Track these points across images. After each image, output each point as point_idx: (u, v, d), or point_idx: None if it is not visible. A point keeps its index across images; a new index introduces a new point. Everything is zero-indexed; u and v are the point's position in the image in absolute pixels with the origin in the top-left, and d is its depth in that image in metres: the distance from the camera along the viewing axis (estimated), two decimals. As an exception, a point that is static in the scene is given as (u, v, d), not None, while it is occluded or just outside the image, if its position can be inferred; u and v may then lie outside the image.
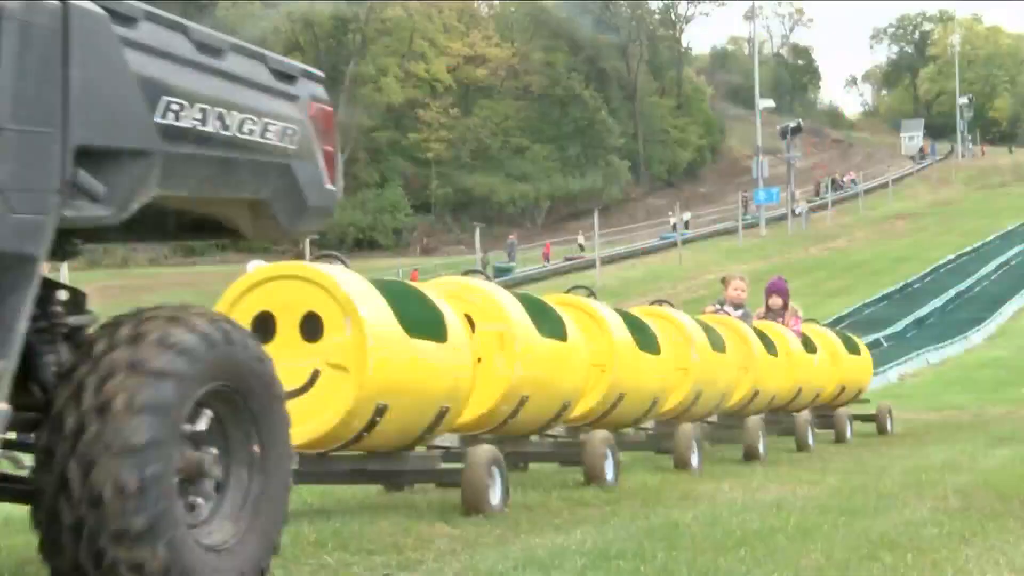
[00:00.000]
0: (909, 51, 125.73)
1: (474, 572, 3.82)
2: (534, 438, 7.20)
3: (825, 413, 12.17)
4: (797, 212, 65.67)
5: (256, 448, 3.42)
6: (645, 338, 7.90)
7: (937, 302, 37.26)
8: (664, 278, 50.53)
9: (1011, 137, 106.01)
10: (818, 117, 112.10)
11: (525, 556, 4.19)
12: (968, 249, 49.13)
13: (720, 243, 61.48)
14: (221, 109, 3.31)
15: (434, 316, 5.55)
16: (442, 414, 5.44)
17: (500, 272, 51.12)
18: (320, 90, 3.94)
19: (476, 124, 78.23)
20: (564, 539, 4.70)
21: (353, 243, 68.04)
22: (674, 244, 56.53)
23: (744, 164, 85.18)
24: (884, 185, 78.23)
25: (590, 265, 51.73)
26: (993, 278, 42.68)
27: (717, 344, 9.04)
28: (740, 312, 10.91)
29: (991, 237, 52.77)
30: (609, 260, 54.51)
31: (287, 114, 3.66)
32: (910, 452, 9.85)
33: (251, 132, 3.44)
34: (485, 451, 5.45)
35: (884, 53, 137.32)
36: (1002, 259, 45.72)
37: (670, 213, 64.65)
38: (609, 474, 6.72)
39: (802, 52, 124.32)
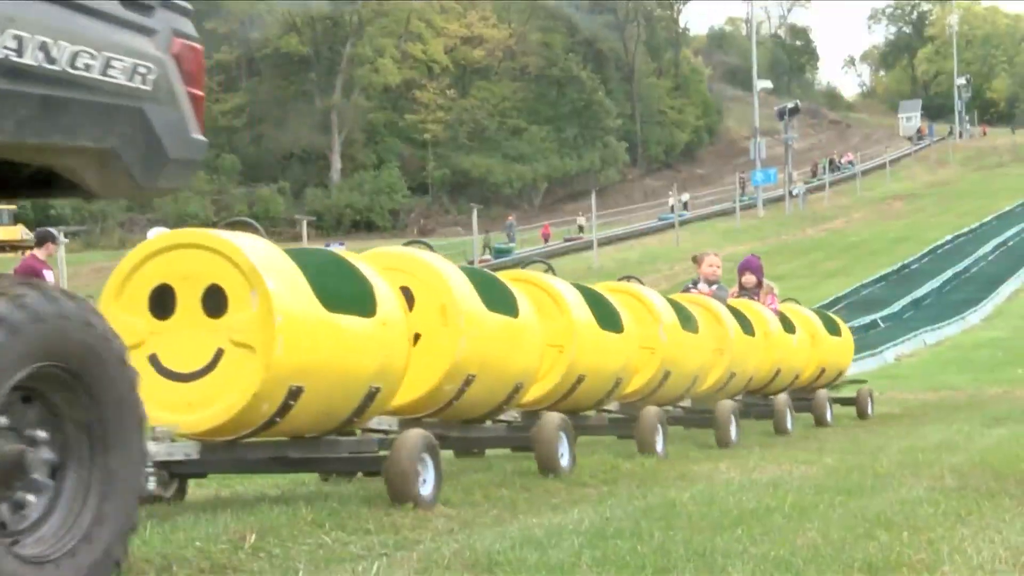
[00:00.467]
0: (907, 31, 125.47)
1: (471, 552, 3.84)
2: (489, 423, 6.69)
3: (804, 396, 11.57)
4: (795, 193, 65.65)
5: (97, 442, 2.93)
6: (607, 315, 7.37)
7: (934, 283, 37.29)
8: (661, 259, 50.51)
9: (1009, 117, 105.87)
10: (816, 98, 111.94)
11: (522, 536, 4.21)
12: (966, 230, 49.14)
13: (717, 224, 61.47)
14: (46, 38, 2.74)
15: (361, 289, 5.08)
16: (372, 395, 4.99)
17: (500, 253, 51.24)
18: (187, 24, 3.31)
19: (473, 105, 78.09)
20: (561, 519, 4.72)
21: (350, 225, 68.05)
22: (671, 225, 56.50)
23: (742, 145, 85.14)
24: (882, 166, 78.20)
25: (589, 246, 51.72)
26: (990, 259, 42.71)
27: (688, 323, 8.58)
28: (714, 287, 10.46)
29: (989, 218, 52.78)
30: (607, 241, 54.49)
31: (139, 49, 3.06)
32: (906, 432, 9.87)
33: (87, 68, 2.86)
34: (414, 436, 4.89)
35: (882, 33, 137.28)
36: (999, 240, 45.74)
37: (669, 194, 64.60)
38: (564, 460, 6.08)
39: (800, 33, 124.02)
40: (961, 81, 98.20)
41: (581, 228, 59.19)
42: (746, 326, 9.76)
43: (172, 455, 4.71)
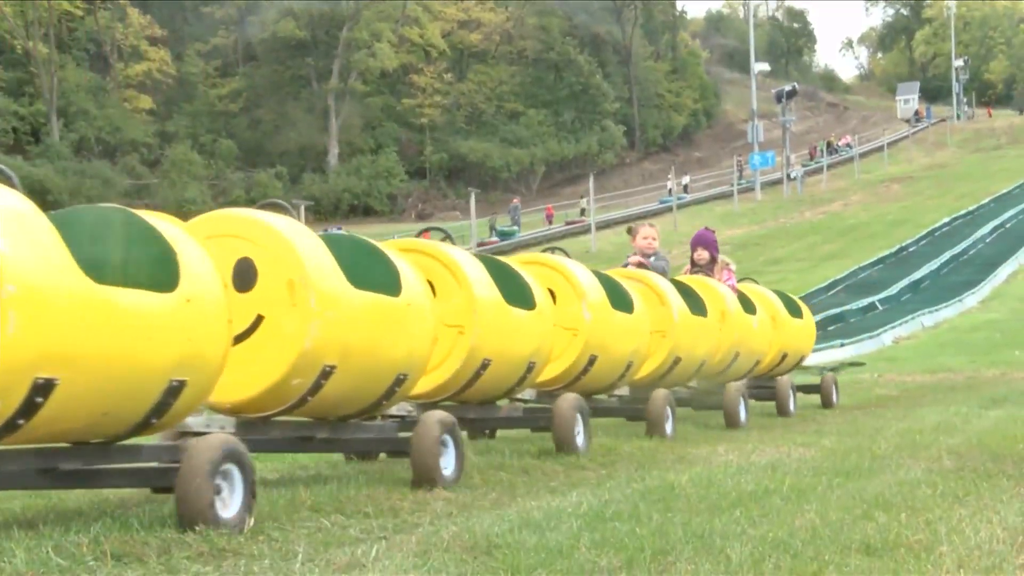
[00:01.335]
0: (905, 13, 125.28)
1: (470, 534, 3.84)
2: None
3: (764, 384, 10.75)
4: (792, 176, 65.62)
5: None
6: (516, 292, 6.39)
7: (932, 265, 37.29)
8: (659, 242, 50.46)
9: (1007, 99, 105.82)
10: (814, 81, 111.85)
11: (521, 518, 4.22)
12: (963, 212, 49.12)
13: (715, 207, 61.46)
14: None
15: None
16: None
17: (504, 235, 51.43)
18: None
19: (471, 89, 77.98)
20: (560, 501, 4.73)
21: (348, 209, 67.97)
22: (669, 209, 56.47)
23: (739, 128, 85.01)
24: (879, 149, 78.11)
25: (587, 230, 51.70)
26: (988, 241, 42.69)
27: (620, 302, 7.49)
28: (650, 259, 9.28)
29: (986, 200, 52.74)
30: (604, 225, 54.47)
31: None
32: (904, 414, 9.89)
33: None
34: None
35: (879, 15, 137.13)
36: (997, 222, 45.71)
37: (669, 176, 64.61)
38: (447, 467, 5.24)
39: (797, 15, 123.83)
40: (959, 63, 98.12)
41: (583, 211, 59.19)
42: (696, 305, 8.77)
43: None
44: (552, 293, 6.91)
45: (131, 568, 3.28)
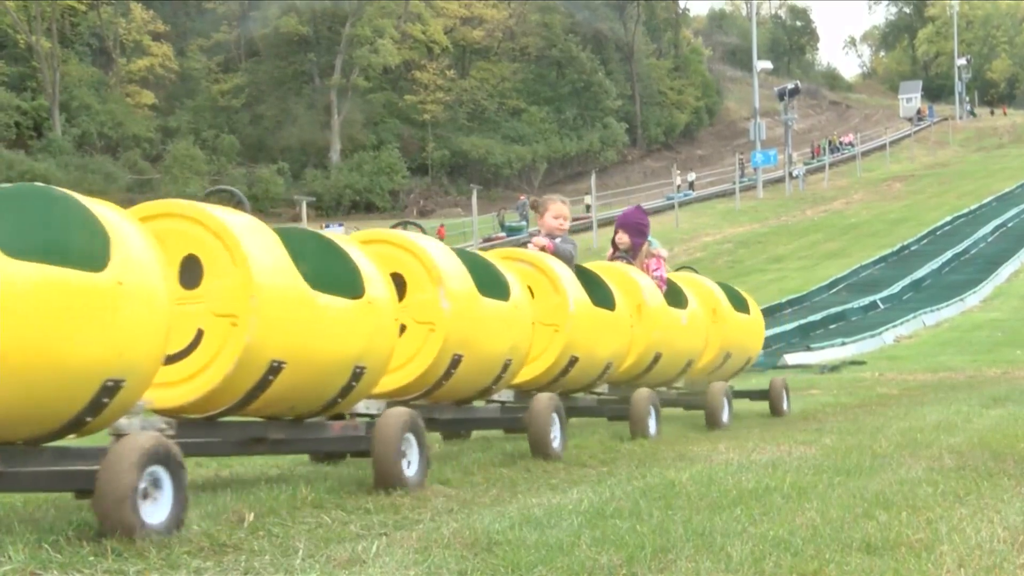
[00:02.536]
0: (908, 12, 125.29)
1: (471, 531, 3.84)
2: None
3: (694, 390, 9.50)
4: (794, 174, 65.62)
5: None
6: (340, 277, 5.04)
7: (933, 264, 37.28)
8: (660, 240, 50.33)
9: (1009, 98, 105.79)
10: (816, 79, 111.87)
11: (521, 515, 4.22)
12: (965, 211, 49.10)
13: (717, 205, 61.51)
14: None
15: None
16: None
17: (512, 231, 51.59)
18: None
19: (473, 86, 77.99)
20: (561, 499, 4.73)
21: (350, 205, 68.00)
22: (671, 206, 56.51)
23: (741, 126, 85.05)
24: (881, 147, 78.11)
25: (589, 227, 51.73)
26: (990, 240, 42.68)
27: (494, 289, 6.20)
28: (556, 240, 7.80)
29: (988, 199, 52.72)
30: (607, 222, 54.45)
31: None
32: (905, 412, 9.87)
33: None
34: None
35: (882, 14, 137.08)
36: (999, 221, 45.69)
37: (677, 173, 64.68)
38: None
39: (800, 13, 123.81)
40: (962, 62, 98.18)
41: (588, 208, 59.24)
42: (601, 296, 7.46)
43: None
44: (401, 278, 5.65)
45: (131, 563, 3.28)
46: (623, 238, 8.99)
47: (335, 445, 5.31)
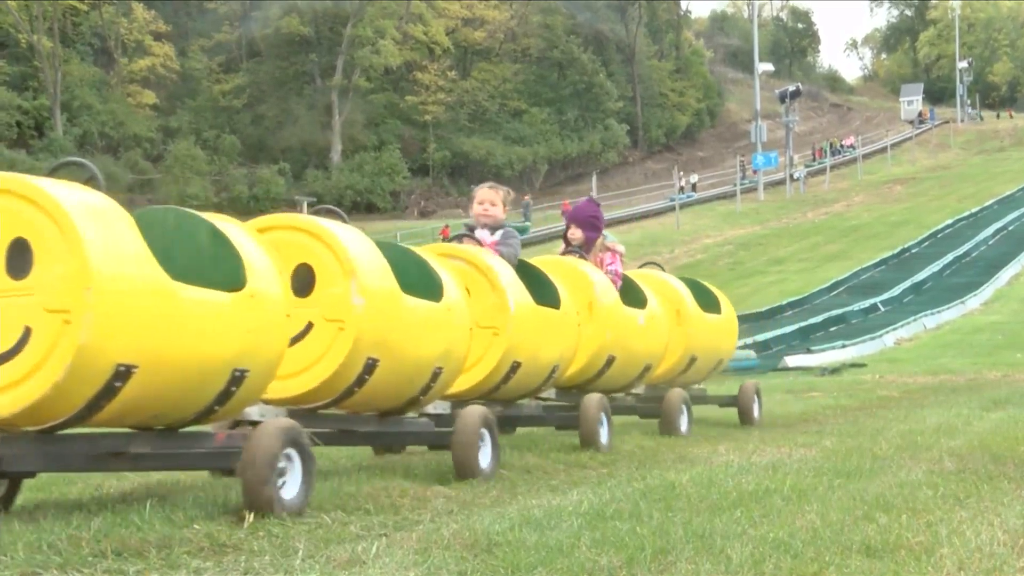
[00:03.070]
0: (909, 14, 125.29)
1: (471, 532, 3.84)
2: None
3: (652, 395, 8.69)
4: (795, 177, 65.61)
5: None
6: (216, 267, 4.41)
7: (934, 267, 37.28)
8: (661, 242, 50.58)
9: (1011, 101, 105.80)
10: (817, 81, 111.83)
11: (521, 517, 4.22)
12: (966, 214, 49.10)
13: (718, 207, 61.51)
14: None
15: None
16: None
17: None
18: None
19: (474, 87, 77.98)
20: (560, 500, 4.73)
21: (351, 206, 67.99)
22: (672, 208, 56.52)
23: (742, 128, 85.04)
24: (883, 150, 78.12)
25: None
26: (991, 243, 42.69)
27: (424, 287, 5.57)
28: (497, 235, 7.05)
29: (989, 202, 52.74)
30: (607, 224, 54.46)
31: None
32: (905, 415, 9.88)
33: None
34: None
35: (884, 16, 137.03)
36: (999, 224, 45.70)
37: (680, 174, 64.67)
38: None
39: (801, 15, 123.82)
40: (963, 65, 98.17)
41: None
42: (546, 294, 6.81)
43: None
44: (310, 270, 5.05)
45: (131, 563, 3.29)
46: (575, 233, 8.30)
47: (207, 463, 4.58)
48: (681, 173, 64.68)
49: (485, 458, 5.48)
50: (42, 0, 61.88)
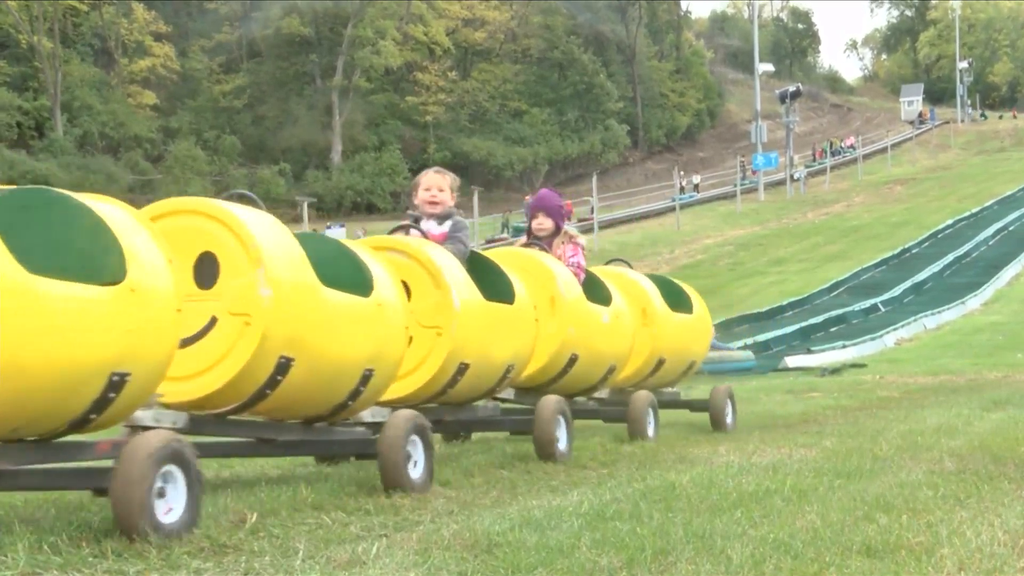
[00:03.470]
0: (909, 15, 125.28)
1: (471, 533, 3.85)
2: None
3: (617, 399, 8.17)
4: (796, 177, 65.60)
5: None
6: (79, 257, 3.93)
7: (935, 267, 37.27)
8: (661, 242, 50.59)
9: (1011, 102, 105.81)
10: (817, 82, 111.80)
11: (522, 517, 4.22)
12: (966, 214, 49.09)
13: (718, 207, 61.49)
14: None
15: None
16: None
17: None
18: None
19: (474, 87, 77.98)
20: (561, 501, 4.73)
21: (351, 206, 67.98)
22: (672, 208, 56.51)
23: (743, 129, 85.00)
24: (883, 150, 78.08)
25: (590, 228, 51.73)
26: (991, 243, 42.68)
27: (350, 281, 5.06)
28: (446, 225, 6.47)
29: (989, 202, 52.72)
30: (608, 224, 54.50)
31: None
32: (906, 415, 9.87)
33: None
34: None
35: (884, 17, 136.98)
36: (1000, 224, 45.68)
37: (682, 174, 64.66)
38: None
39: (802, 16, 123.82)
40: (963, 65, 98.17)
41: (593, 209, 59.25)
42: (498, 289, 6.30)
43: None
44: (214, 259, 4.53)
45: (131, 563, 3.29)
46: (545, 222, 7.76)
47: (79, 482, 4.10)
48: (682, 173, 64.66)
49: (416, 467, 5.01)
50: (42, 0, 61.89)
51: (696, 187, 67.48)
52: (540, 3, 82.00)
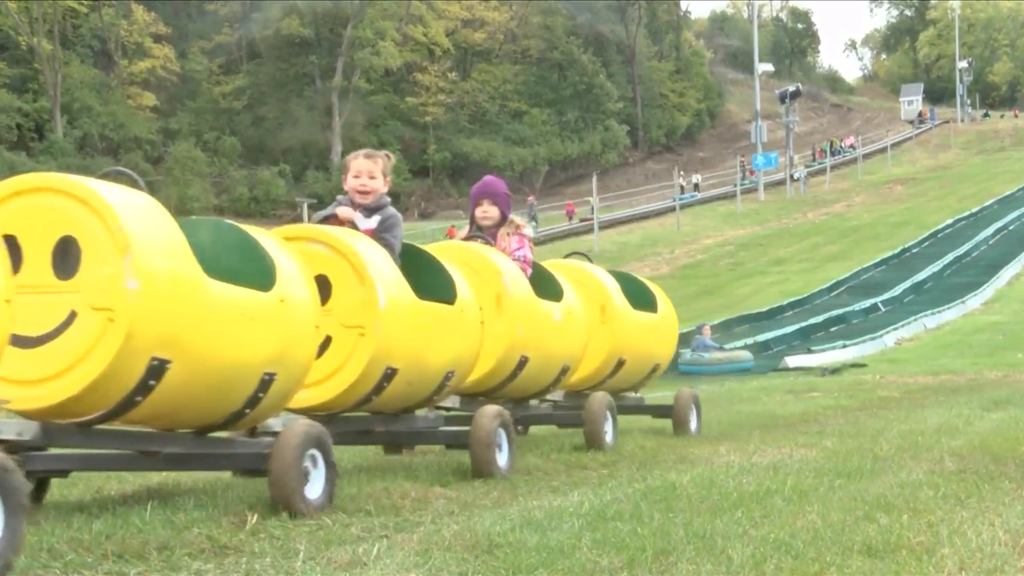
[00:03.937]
0: (909, 14, 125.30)
1: (471, 533, 3.84)
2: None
3: (572, 403, 7.58)
4: (796, 177, 65.61)
5: None
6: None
7: (935, 267, 37.30)
8: (662, 242, 50.60)
9: (1011, 101, 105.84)
10: (817, 81, 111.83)
11: (522, 518, 4.22)
12: (966, 214, 49.13)
13: (718, 208, 61.51)
14: None
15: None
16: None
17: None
18: None
19: (474, 88, 78.00)
20: (561, 501, 4.73)
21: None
22: (672, 209, 56.51)
23: (743, 129, 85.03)
24: (883, 150, 78.14)
25: (590, 229, 51.72)
26: (991, 243, 42.71)
27: (244, 272, 4.43)
28: (375, 218, 5.69)
29: (989, 202, 52.76)
30: (608, 224, 54.48)
31: None
32: (906, 415, 9.87)
33: None
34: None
35: (884, 17, 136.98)
36: (1000, 224, 45.72)
37: (681, 174, 64.66)
38: None
39: (801, 15, 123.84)
40: (963, 65, 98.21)
41: (593, 209, 59.26)
42: (433, 286, 5.71)
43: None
44: (76, 244, 3.87)
45: (132, 565, 3.29)
46: (490, 211, 7.04)
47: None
48: (682, 173, 64.65)
49: (314, 487, 4.38)
50: (42, 2, 61.89)
51: (696, 186, 67.51)
52: (540, 3, 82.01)
